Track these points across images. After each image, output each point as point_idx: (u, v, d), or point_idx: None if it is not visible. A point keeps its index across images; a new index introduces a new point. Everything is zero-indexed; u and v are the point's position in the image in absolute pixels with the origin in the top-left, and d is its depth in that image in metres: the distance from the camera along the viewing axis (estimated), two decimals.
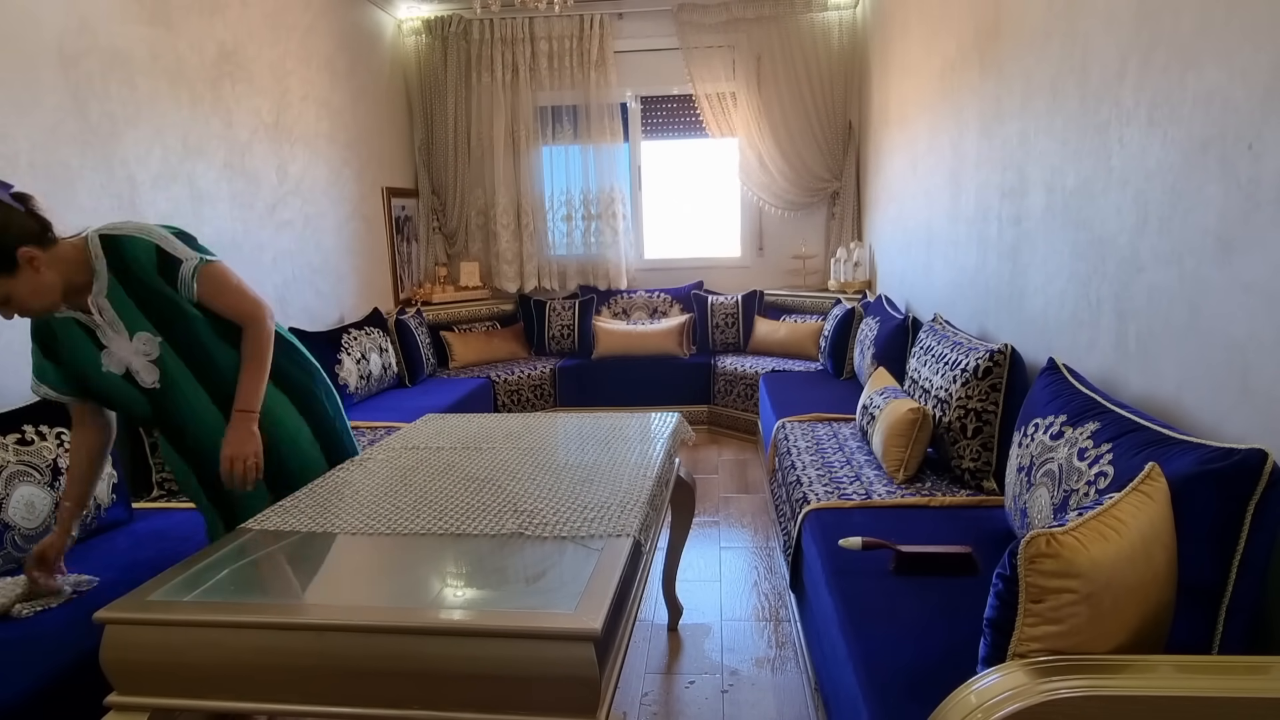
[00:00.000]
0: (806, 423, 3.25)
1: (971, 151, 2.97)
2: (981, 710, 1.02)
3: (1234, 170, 1.47)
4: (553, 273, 5.49)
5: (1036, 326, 2.40)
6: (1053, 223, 2.27)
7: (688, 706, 2.17)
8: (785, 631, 2.53)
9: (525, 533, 1.52)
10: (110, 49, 2.75)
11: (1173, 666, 1.09)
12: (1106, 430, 1.57)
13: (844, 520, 2.14)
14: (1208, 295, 1.56)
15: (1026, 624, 1.11)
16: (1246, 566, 1.23)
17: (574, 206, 5.40)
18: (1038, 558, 1.10)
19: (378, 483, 1.84)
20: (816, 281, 5.26)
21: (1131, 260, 1.84)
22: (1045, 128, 2.31)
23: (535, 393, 4.85)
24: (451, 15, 5.15)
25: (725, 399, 4.77)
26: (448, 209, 5.43)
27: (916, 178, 3.80)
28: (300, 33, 4.02)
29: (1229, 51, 1.48)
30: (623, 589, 1.36)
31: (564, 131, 5.31)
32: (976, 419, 2.33)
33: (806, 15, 5.00)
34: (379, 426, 3.52)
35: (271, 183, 3.73)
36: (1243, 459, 1.23)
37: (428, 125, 5.33)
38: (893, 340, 3.39)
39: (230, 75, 3.42)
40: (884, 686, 1.39)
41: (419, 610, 1.26)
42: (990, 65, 2.75)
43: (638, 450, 2.04)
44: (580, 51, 5.14)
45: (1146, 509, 1.20)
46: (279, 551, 1.51)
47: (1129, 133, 1.84)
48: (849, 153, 5.11)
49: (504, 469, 1.91)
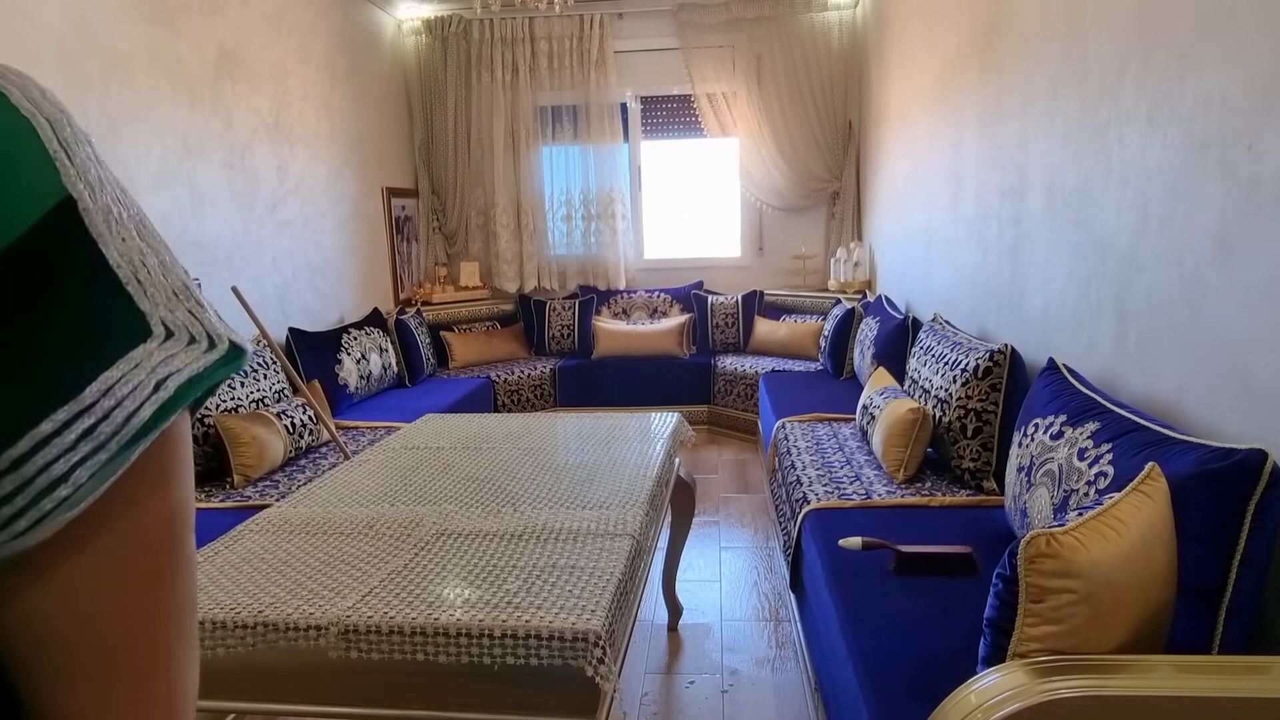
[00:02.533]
0: (806, 423, 3.25)
1: (971, 151, 2.97)
2: (981, 710, 1.02)
3: (1234, 170, 1.47)
4: (553, 273, 5.49)
5: (1036, 326, 2.40)
6: (1053, 223, 2.27)
7: (688, 706, 2.17)
8: (785, 631, 2.52)
9: (525, 533, 1.52)
10: (110, 49, 2.75)
11: (1173, 666, 1.09)
12: (1106, 430, 1.57)
13: (844, 520, 2.14)
14: (1207, 295, 1.56)
15: (1026, 624, 1.11)
16: (1246, 566, 1.23)
17: (574, 206, 5.40)
18: (1038, 558, 1.10)
19: (378, 483, 1.84)
20: (816, 281, 5.26)
21: (1131, 260, 1.84)
22: (1045, 128, 2.31)
23: (535, 393, 4.85)
24: (451, 15, 5.14)
25: (725, 399, 4.77)
26: (448, 209, 5.43)
27: (916, 178, 3.80)
28: (300, 33, 4.02)
29: (1229, 52, 1.48)
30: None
31: (564, 131, 5.31)
32: (976, 419, 2.33)
33: (806, 15, 5.00)
34: (379, 426, 3.52)
35: (271, 183, 3.73)
36: (1243, 459, 1.23)
37: (428, 125, 5.33)
38: (893, 340, 3.39)
39: (230, 75, 3.42)
40: (884, 686, 1.39)
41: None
42: (990, 65, 2.75)
43: (638, 450, 2.04)
44: (580, 51, 5.14)
45: (1146, 509, 1.20)
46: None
47: (1129, 133, 1.84)
48: (849, 153, 5.11)
49: (504, 469, 1.91)
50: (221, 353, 0.38)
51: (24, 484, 0.32)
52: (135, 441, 0.35)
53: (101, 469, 0.34)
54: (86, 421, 0.34)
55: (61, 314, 0.34)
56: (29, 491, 0.33)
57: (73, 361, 0.34)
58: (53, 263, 0.34)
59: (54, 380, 0.33)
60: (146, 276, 0.37)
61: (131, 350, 0.35)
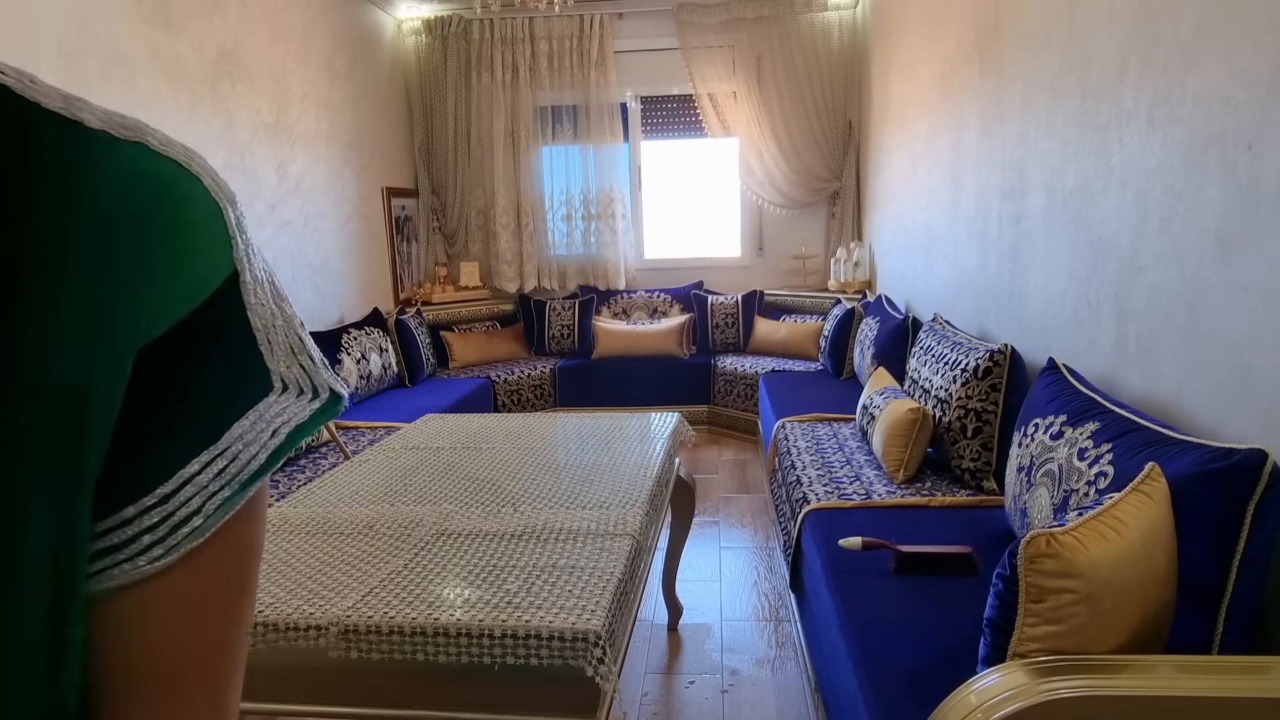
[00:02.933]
0: (806, 423, 3.25)
1: (971, 151, 2.97)
2: (981, 710, 1.02)
3: (1234, 170, 1.47)
4: (553, 273, 5.49)
5: (1036, 326, 2.40)
6: (1053, 223, 2.27)
7: (688, 706, 2.17)
8: (785, 631, 2.52)
9: (525, 533, 1.52)
10: (110, 49, 2.75)
11: (1173, 666, 1.09)
12: (1106, 430, 1.57)
13: (844, 520, 2.14)
14: (1208, 295, 1.56)
15: (1026, 624, 1.11)
16: (1246, 566, 1.23)
17: (574, 206, 5.40)
18: (1038, 558, 1.10)
19: (378, 483, 1.84)
20: (816, 281, 5.26)
21: (1131, 260, 1.84)
22: (1045, 127, 2.31)
23: (535, 393, 4.85)
24: (451, 15, 5.14)
25: (725, 399, 4.77)
26: (448, 209, 5.43)
27: (916, 177, 3.80)
28: (300, 33, 4.02)
29: (1229, 51, 1.48)
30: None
31: (564, 131, 5.31)
32: (976, 419, 2.33)
33: (806, 15, 5.00)
34: (379, 426, 3.52)
35: (271, 183, 3.73)
36: (1243, 459, 1.23)
37: (428, 125, 5.33)
38: (893, 340, 3.39)
39: (230, 75, 3.42)
40: (884, 686, 1.39)
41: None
42: (990, 65, 2.75)
43: (638, 450, 2.04)
44: (580, 51, 5.14)
45: (1146, 509, 1.20)
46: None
47: (1129, 133, 1.84)
48: (849, 152, 5.11)
49: (504, 469, 1.91)
50: (323, 401, 0.45)
51: (167, 517, 0.38)
52: (252, 481, 0.41)
53: (223, 504, 0.40)
54: (220, 464, 0.40)
55: (215, 369, 0.40)
56: (170, 523, 0.38)
57: (217, 411, 0.40)
58: (218, 325, 0.40)
59: (201, 427, 0.40)
60: (274, 337, 0.43)
61: (259, 403, 0.42)
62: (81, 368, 0.35)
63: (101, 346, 0.36)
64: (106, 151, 0.37)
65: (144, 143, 0.39)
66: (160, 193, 0.38)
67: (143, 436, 0.38)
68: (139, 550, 0.38)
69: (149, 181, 0.38)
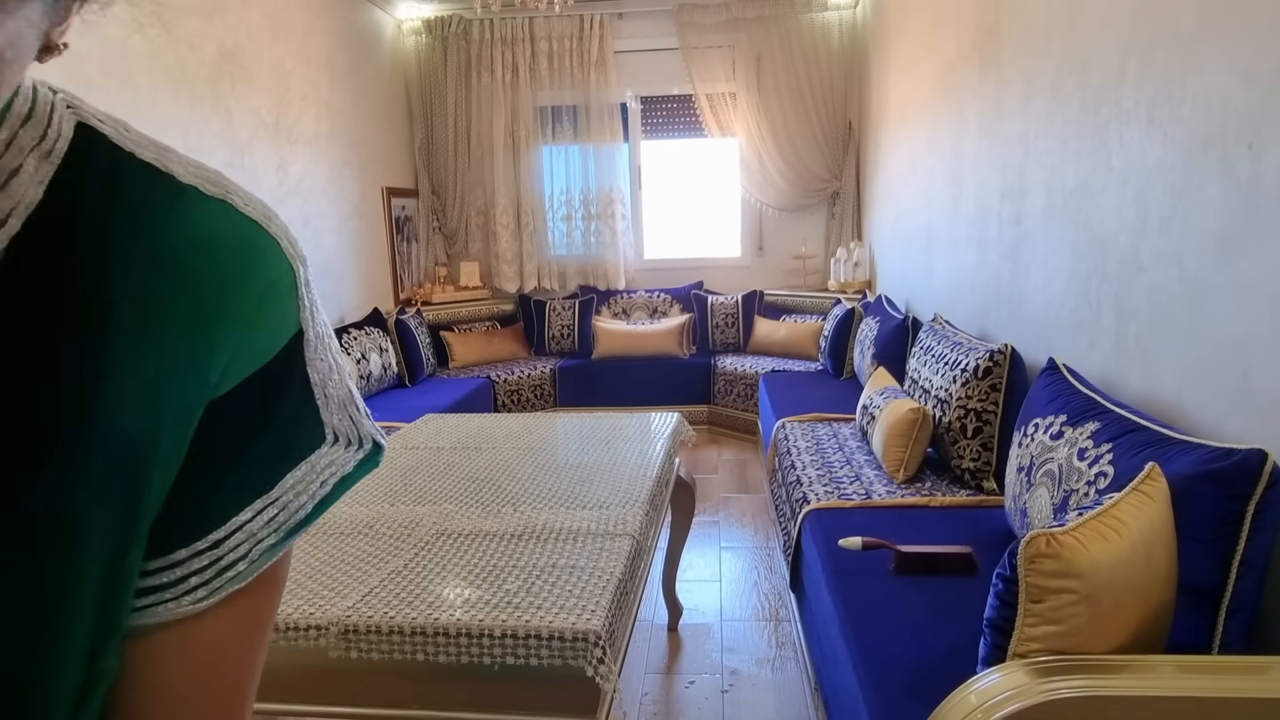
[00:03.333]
0: (806, 423, 3.25)
1: (971, 151, 2.97)
2: (981, 710, 1.02)
3: (1234, 170, 1.47)
4: (553, 273, 5.49)
5: (1036, 326, 2.40)
6: (1053, 223, 2.27)
7: (688, 706, 2.17)
8: (785, 631, 2.52)
9: (525, 533, 1.52)
10: (110, 49, 2.75)
11: (1173, 666, 1.09)
12: (1106, 430, 1.57)
13: (844, 520, 2.14)
14: (1208, 295, 1.56)
15: (1027, 624, 1.11)
16: (1246, 566, 1.23)
17: (574, 206, 5.40)
18: (1038, 558, 1.10)
19: (377, 483, 1.84)
20: (816, 281, 5.26)
21: (1131, 260, 1.84)
22: (1045, 128, 2.31)
23: (535, 393, 4.85)
24: (451, 15, 5.14)
25: (725, 399, 4.77)
26: (448, 209, 5.42)
27: (916, 178, 3.80)
28: (300, 33, 4.02)
29: (1229, 51, 1.48)
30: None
31: (564, 131, 5.31)
32: (976, 419, 2.33)
33: (806, 15, 5.00)
34: (379, 426, 3.52)
35: (271, 183, 3.73)
36: (1243, 459, 1.23)
37: (428, 125, 5.33)
38: (893, 340, 3.39)
39: (230, 75, 3.42)
40: (884, 686, 1.39)
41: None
42: (990, 65, 2.75)
43: (637, 450, 2.04)
44: (580, 51, 5.14)
45: (1147, 509, 1.20)
46: None
47: (1129, 133, 1.84)
48: (849, 153, 5.11)
49: (504, 469, 1.91)
50: (366, 451, 0.47)
51: (215, 560, 0.40)
52: (298, 529, 0.43)
53: (268, 551, 0.41)
54: (271, 513, 0.41)
55: (274, 421, 0.42)
56: (217, 567, 0.40)
57: (273, 461, 0.42)
58: (280, 380, 0.42)
59: (257, 476, 0.41)
60: (330, 392, 0.45)
61: (312, 454, 0.43)
62: (152, 417, 0.36)
63: (171, 398, 0.37)
64: (194, 206, 0.39)
65: (229, 201, 0.41)
66: (242, 255, 0.40)
67: (199, 482, 0.39)
68: (185, 591, 0.39)
69: (233, 242, 0.40)
